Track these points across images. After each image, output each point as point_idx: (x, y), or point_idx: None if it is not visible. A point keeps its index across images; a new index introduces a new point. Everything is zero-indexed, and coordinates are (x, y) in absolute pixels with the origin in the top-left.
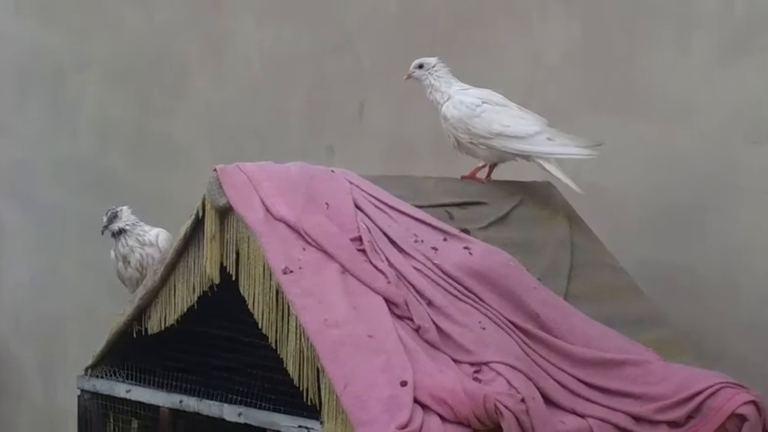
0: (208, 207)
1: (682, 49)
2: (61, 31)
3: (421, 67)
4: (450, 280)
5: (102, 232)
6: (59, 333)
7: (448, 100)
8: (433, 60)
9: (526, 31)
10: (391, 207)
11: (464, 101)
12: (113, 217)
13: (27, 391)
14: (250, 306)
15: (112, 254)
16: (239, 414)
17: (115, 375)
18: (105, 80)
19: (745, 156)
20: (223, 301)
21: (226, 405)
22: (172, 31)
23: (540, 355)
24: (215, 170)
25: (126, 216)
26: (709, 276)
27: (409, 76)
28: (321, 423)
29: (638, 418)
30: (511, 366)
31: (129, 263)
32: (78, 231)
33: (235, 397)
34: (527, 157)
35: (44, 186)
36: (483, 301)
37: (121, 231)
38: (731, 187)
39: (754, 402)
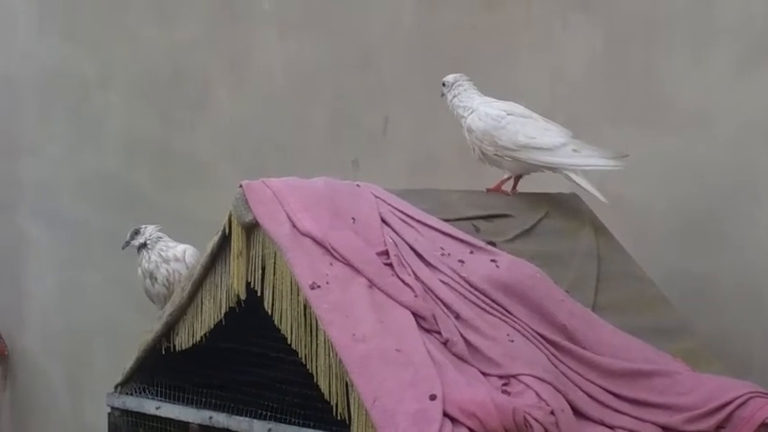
0: (234, 223)
1: (701, 59)
2: (84, 49)
3: (444, 85)
4: (477, 293)
5: (123, 248)
6: (86, 348)
7: (472, 113)
8: (450, 78)
9: (547, 44)
10: (417, 221)
11: (489, 113)
12: (135, 233)
13: (55, 405)
14: (277, 322)
15: (139, 271)
16: (269, 430)
17: (145, 392)
18: (128, 96)
19: (765, 164)
20: (251, 316)
21: (255, 421)
22: (193, 47)
23: (569, 367)
24: (241, 186)
25: (149, 232)
26: (733, 284)
27: (443, 95)
28: None
29: (667, 429)
30: (539, 379)
31: (155, 279)
32: (104, 247)
33: (264, 413)
34: (553, 168)
35: (69, 203)
36: (511, 313)
37: (143, 246)
38: (752, 195)
39: None
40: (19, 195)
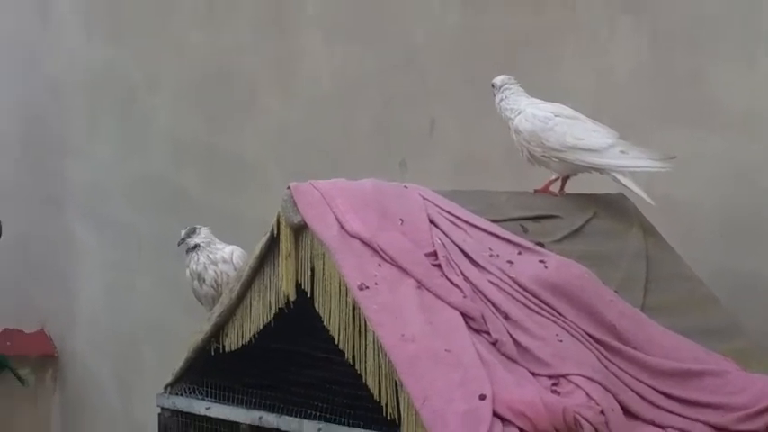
0: (282, 225)
1: (748, 62)
2: (131, 53)
3: (492, 87)
4: (526, 293)
5: (179, 244)
6: (135, 349)
7: (519, 114)
8: (498, 81)
9: (593, 47)
10: (465, 222)
11: (537, 114)
12: (192, 232)
13: (105, 405)
14: (326, 322)
15: (187, 272)
16: (319, 430)
17: (194, 392)
18: (175, 100)
19: None
20: (300, 317)
21: (305, 421)
22: (239, 51)
23: (619, 367)
24: (289, 188)
25: (204, 234)
26: None
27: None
28: None
29: (718, 429)
30: (589, 378)
31: (203, 280)
32: (152, 249)
33: (314, 413)
34: (601, 169)
35: (117, 205)
36: (559, 313)
37: (195, 247)
38: None
39: None
40: (67, 196)
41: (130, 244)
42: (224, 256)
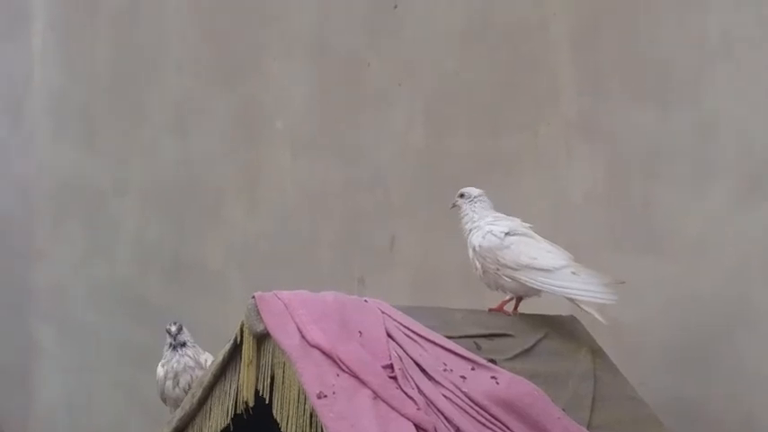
0: (246, 333)
1: (699, 190)
2: (100, 158)
3: (462, 196)
4: (477, 408)
5: (174, 339)
6: None
7: (477, 230)
8: (475, 191)
9: (551, 171)
10: (422, 336)
11: (494, 231)
12: (180, 329)
13: None
14: (284, 429)
15: (161, 371)
16: None
17: None
18: (143, 206)
19: (761, 293)
20: (256, 424)
21: None
22: (208, 160)
23: None
24: (253, 297)
25: (187, 333)
26: (725, 410)
27: (454, 205)
28: None
29: None
30: None
31: (178, 383)
32: (113, 354)
33: None
34: (552, 291)
35: (80, 309)
36: (509, 428)
37: (182, 345)
38: (747, 323)
39: None
40: (31, 300)
41: (91, 348)
42: (201, 363)
